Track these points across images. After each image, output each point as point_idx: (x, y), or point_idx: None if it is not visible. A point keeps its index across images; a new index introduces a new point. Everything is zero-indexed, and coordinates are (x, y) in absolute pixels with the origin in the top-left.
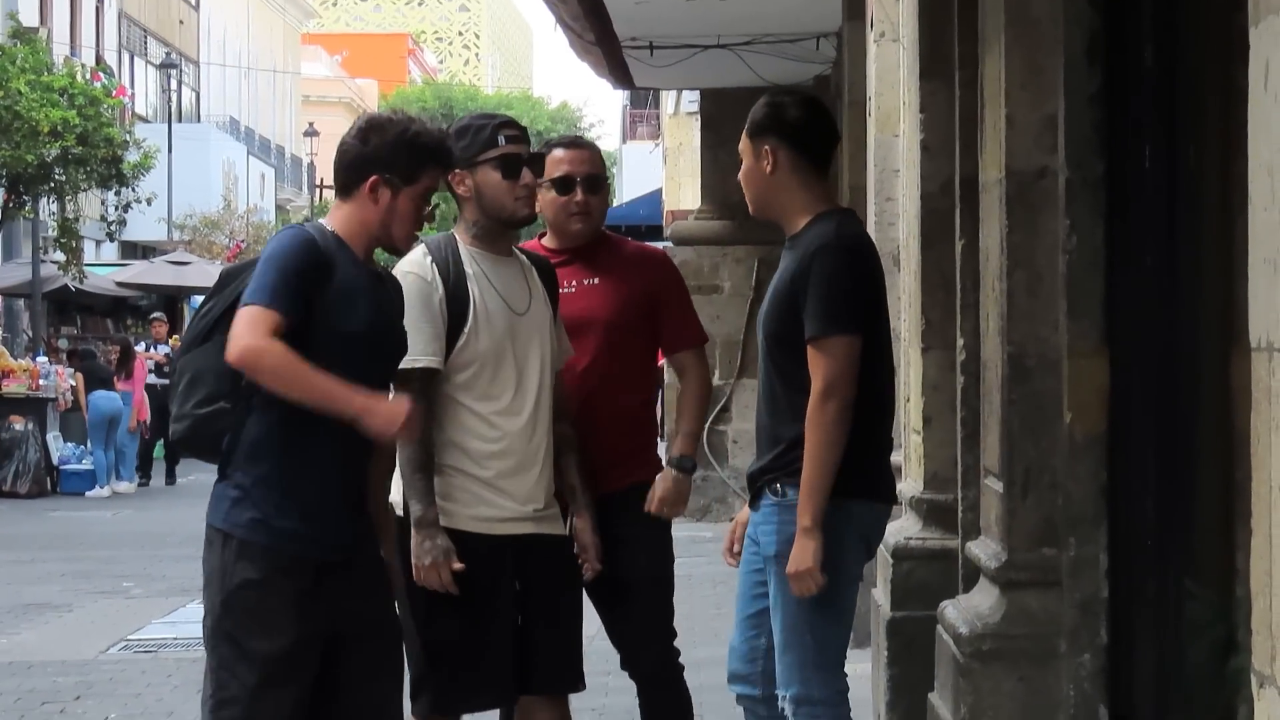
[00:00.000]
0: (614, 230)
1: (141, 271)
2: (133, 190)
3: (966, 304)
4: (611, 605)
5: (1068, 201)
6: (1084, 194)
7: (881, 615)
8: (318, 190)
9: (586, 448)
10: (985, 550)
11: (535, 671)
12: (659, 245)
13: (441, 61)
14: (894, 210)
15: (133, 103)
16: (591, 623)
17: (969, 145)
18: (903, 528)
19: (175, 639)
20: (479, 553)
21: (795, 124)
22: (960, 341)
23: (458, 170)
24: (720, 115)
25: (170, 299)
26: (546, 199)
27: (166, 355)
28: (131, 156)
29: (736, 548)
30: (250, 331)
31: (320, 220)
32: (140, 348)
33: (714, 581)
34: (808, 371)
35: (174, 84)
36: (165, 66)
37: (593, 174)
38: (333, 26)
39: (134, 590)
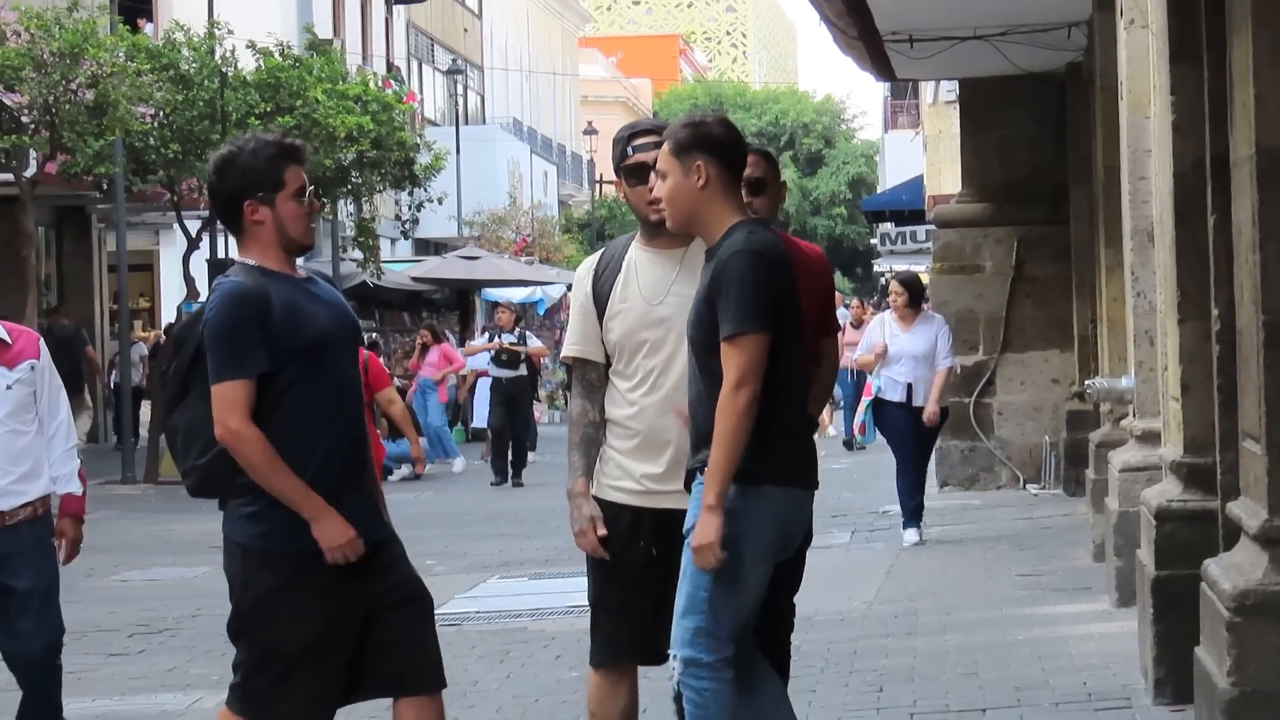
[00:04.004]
0: (878, 216)
1: (434, 267)
2: (424, 190)
3: (1220, 276)
4: None
5: None
6: None
7: (1146, 574)
8: (597, 185)
9: None
10: (1246, 510)
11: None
12: (922, 229)
13: (711, 60)
14: (1147, 188)
15: (422, 107)
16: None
17: (1219, 124)
18: (1164, 490)
19: (478, 613)
20: (617, 519)
21: (722, 141)
22: (1215, 312)
23: (617, 178)
24: (978, 103)
25: (462, 292)
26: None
27: (510, 343)
28: (423, 159)
29: None
30: (226, 412)
31: (240, 260)
32: (484, 337)
33: (983, 547)
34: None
35: (460, 88)
36: (452, 72)
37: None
38: (608, 30)
39: (437, 568)
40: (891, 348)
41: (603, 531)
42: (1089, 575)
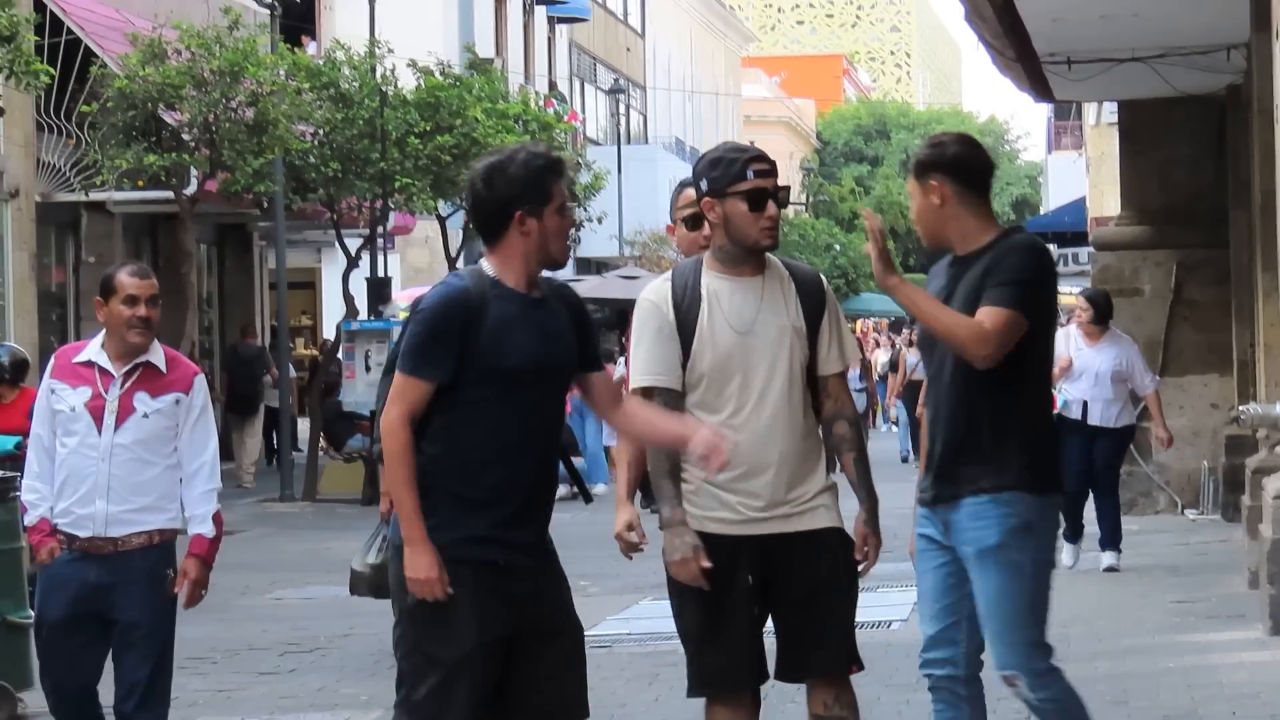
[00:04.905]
0: (1041, 238)
1: (595, 286)
2: (584, 210)
3: None
4: None
5: None
6: None
7: None
8: None
9: None
10: None
11: (794, 658)
12: (1084, 251)
13: (874, 80)
14: None
15: (584, 127)
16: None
17: None
18: None
19: (629, 634)
20: (717, 550)
21: (955, 160)
22: None
23: (709, 198)
24: (1137, 125)
25: (621, 312)
26: (680, 233)
27: None
28: (583, 178)
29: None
30: (394, 401)
31: (482, 263)
32: (621, 365)
33: (1139, 573)
34: (999, 374)
35: (622, 108)
36: (614, 92)
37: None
38: (771, 50)
39: (590, 589)
40: (1076, 363)
41: (707, 564)
42: (1243, 603)
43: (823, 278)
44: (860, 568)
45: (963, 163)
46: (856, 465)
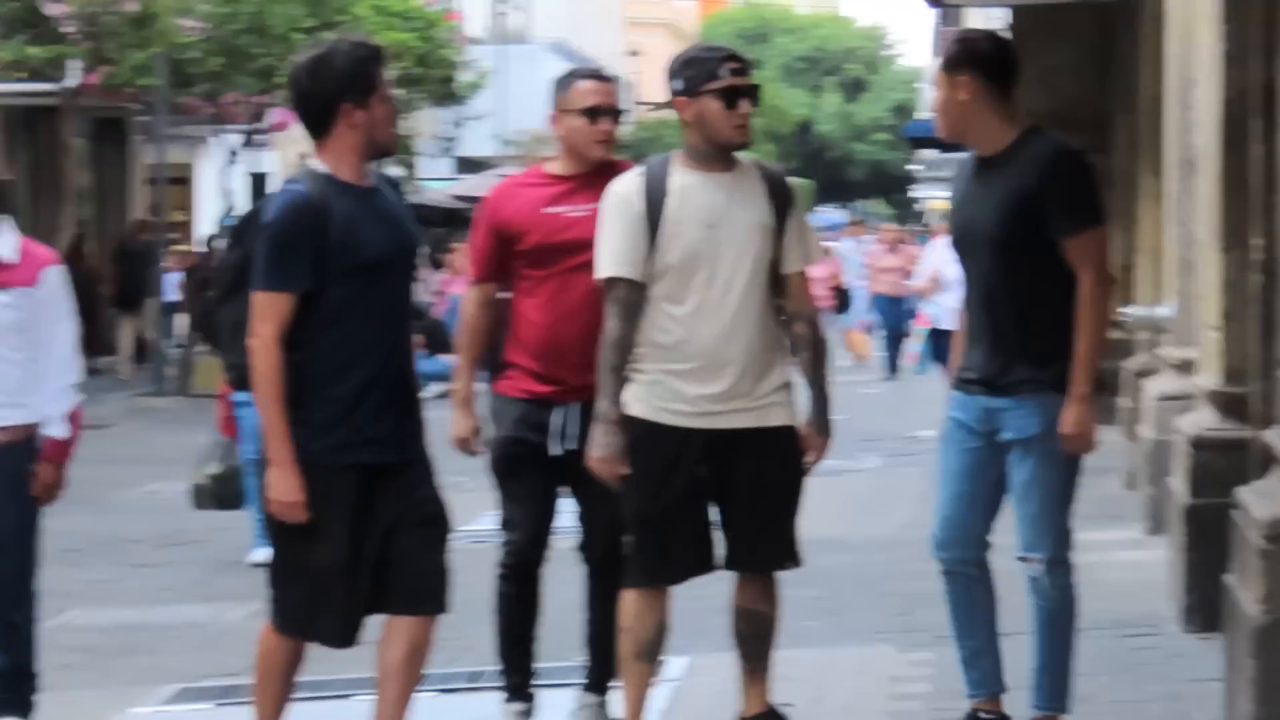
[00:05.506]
0: (921, 142)
1: (474, 185)
2: (464, 106)
3: (1266, 206)
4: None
5: None
6: None
7: (1178, 503)
8: (639, 107)
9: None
10: None
11: (737, 552)
12: (965, 155)
13: None
14: (1191, 118)
15: (464, 25)
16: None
17: (1270, 54)
18: (1199, 420)
19: None
20: (668, 441)
21: (986, 57)
22: (1259, 242)
23: (683, 97)
24: (1026, 31)
25: None
26: (574, 125)
27: None
28: (464, 77)
29: None
30: (261, 320)
31: (311, 164)
32: None
33: None
34: (1049, 278)
35: (504, 7)
36: None
37: (616, 107)
38: None
39: (467, 484)
40: (947, 274)
41: (626, 470)
42: (1119, 504)
43: (788, 178)
44: (806, 465)
45: (993, 61)
46: (812, 365)
